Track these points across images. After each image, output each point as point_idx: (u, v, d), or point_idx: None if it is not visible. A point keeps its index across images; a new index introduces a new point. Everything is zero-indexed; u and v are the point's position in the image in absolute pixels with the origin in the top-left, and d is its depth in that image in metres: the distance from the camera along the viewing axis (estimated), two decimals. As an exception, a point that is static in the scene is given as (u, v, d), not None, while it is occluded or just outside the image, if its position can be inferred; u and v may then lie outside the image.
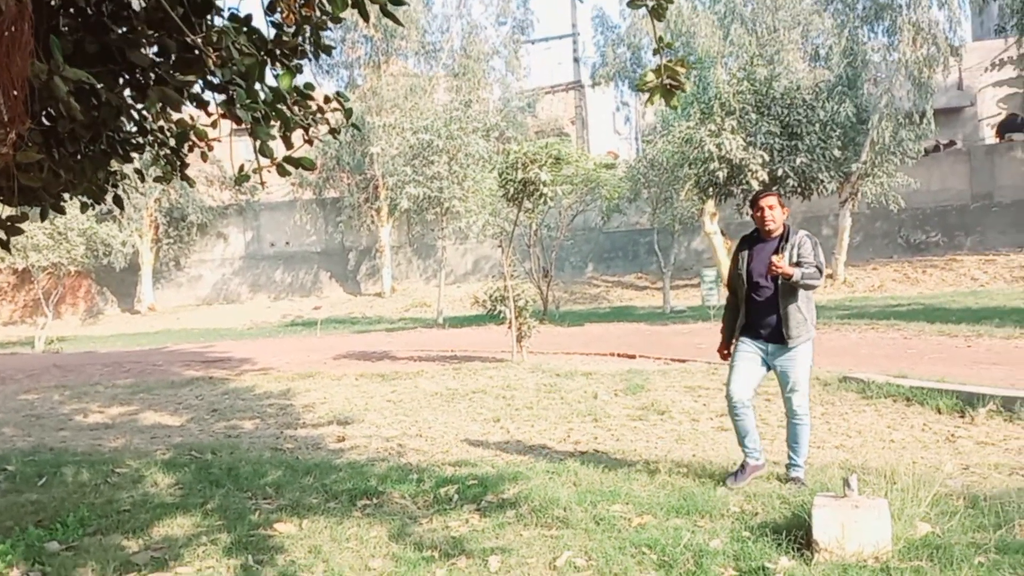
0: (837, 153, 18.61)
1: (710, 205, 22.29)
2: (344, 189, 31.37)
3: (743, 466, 5.23)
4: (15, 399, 11.81)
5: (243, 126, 4.88)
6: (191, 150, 6.02)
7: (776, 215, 5.13)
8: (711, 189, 17.38)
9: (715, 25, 21.86)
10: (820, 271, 5.02)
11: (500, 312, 12.10)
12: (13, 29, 3.14)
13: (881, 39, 22.56)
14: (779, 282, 5.04)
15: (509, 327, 12.05)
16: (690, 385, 9.16)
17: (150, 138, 5.78)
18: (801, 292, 5.06)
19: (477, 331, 19.00)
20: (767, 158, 16.18)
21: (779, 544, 3.95)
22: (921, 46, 20.37)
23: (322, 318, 24.87)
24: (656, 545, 4.09)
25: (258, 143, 5.04)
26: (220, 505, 5.42)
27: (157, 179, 6.28)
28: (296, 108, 5.26)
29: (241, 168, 5.15)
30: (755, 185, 16.29)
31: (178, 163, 6.17)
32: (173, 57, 4.88)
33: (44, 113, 4.75)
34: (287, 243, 33.24)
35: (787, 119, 17.54)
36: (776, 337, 5.12)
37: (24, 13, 3.12)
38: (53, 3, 3.98)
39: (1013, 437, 6.29)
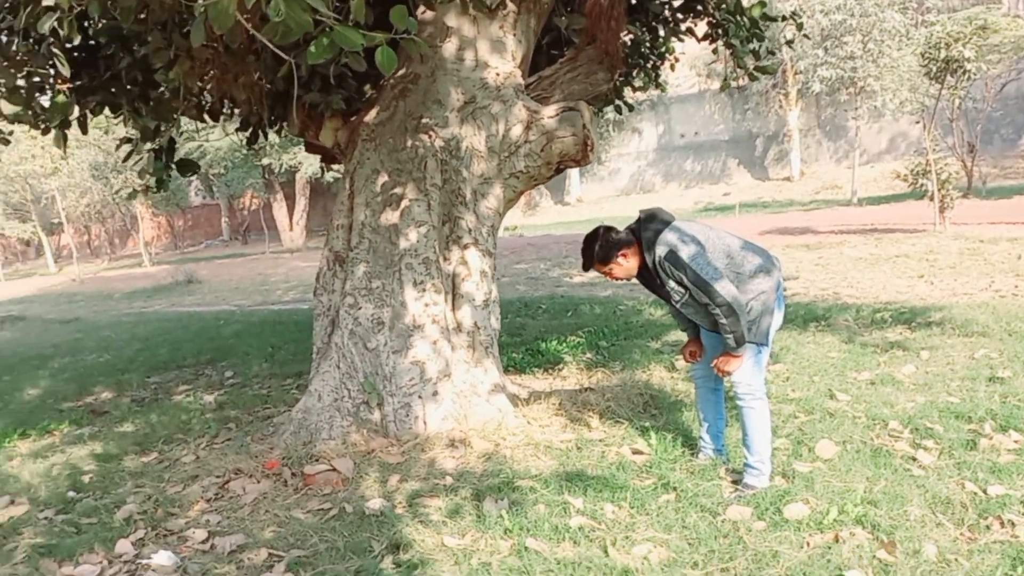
0: None
1: None
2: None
3: None
4: (512, 267, 15.51)
5: (727, 48, 6.84)
6: (663, 62, 8.28)
7: (616, 272, 3.81)
8: None
9: None
10: (734, 308, 3.42)
11: (922, 186, 12.79)
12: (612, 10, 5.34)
13: None
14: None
15: (931, 200, 12.71)
16: None
17: (641, 60, 8.07)
18: None
19: (895, 207, 19.30)
20: None
21: None
22: None
23: (733, 203, 26.53)
24: (1060, 346, 5.39)
25: (735, 59, 7.03)
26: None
27: (638, 88, 8.60)
28: (763, 26, 7.11)
29: (725, 79, 7.15)
30: None
31: (654, 74, 8.49)
32: (679, 2, 7.01)
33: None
34: (696, 133, 35.05)
35: None
36: None
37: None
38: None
39: None
